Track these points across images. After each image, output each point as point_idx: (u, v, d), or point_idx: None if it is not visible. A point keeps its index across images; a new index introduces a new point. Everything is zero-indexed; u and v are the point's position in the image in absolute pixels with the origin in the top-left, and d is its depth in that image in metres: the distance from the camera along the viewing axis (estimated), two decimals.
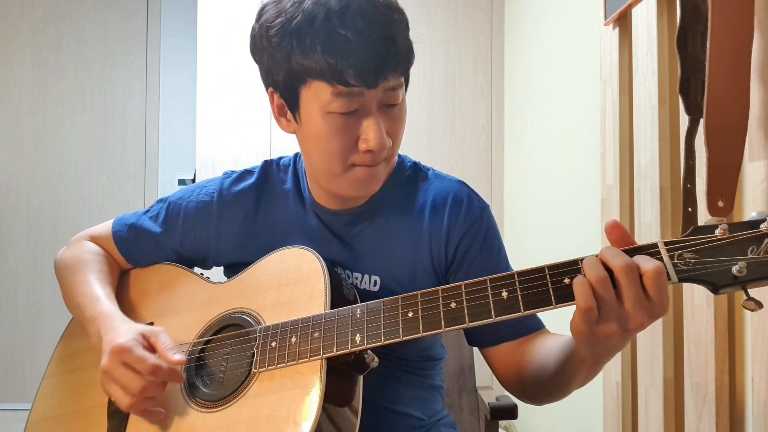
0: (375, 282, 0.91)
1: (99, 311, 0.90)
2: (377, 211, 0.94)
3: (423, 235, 0.92)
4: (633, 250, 0.65)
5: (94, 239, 1.04)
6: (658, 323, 1.17)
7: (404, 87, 0.87)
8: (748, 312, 0.95)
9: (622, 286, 0.62)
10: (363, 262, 0.92)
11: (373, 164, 0.85)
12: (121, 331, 0.84)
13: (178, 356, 0.81)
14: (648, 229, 1.21)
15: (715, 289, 0.62)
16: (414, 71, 0.88)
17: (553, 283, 0.67)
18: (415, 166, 0.99)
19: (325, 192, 0.92)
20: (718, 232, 0.63)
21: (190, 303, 0.93)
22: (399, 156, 0.98)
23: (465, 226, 0.91)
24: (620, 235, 0.66)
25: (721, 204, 0.85)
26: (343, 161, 0.84)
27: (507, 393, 0.98)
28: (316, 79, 0.81)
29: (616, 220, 0.68)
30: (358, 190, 0.88)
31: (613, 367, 1.37)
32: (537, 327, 0.90)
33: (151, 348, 0.83)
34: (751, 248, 0.61)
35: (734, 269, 0.60)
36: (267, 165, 1.01)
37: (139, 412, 0.82)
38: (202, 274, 0.98)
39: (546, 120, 2.05)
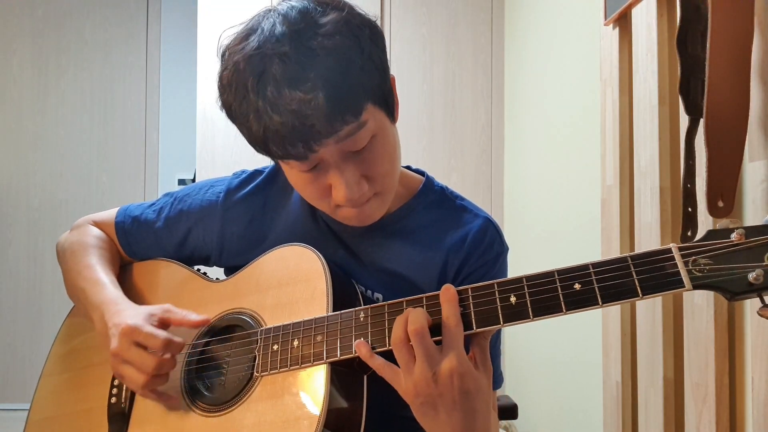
0: (378, 299, 0.88)
1: (104, 296, 0.89)
2: (392, 231, 0.90)
3: (435, 266, 0.88)
4: (645, 255, 0.63)
5: (96, 225, 1.03)
6: (659, 323, 1.17)
7: (382, 115, 0.77)
8: (748, 312, 0.95)
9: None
10: (367, 276, 0.89)
11: (358, 206, 0.79)
12: (129, 313, 0.83)
13: (200, 317, 0.82)
14: (648, 229, 1.21)
15: (731, 297, 0.60)
16: (414, 71, 0.86)
17: (563, 288, 0.65)
18: (442, 191, 0.94)
19: None
20: (733, 236, 0.60)
21: (188, 302, 0.92)
22: (426, 176, 0.95)
23: (476, 265, 0.88)
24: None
25: (721, 204, 0.85)
26: (326, 205, 0.81)
27: (507, 393, 0.98)
28: None
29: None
30: (356, 224, 0.83)
31: (613, 367, 1.37)
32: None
33: (161, 326, 0.82)
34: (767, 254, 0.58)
35: (750, 276, 0.58)
36: (279, 166, 0.97)
37: (152, 394, 0.81)
38: (199, 269, 0.97)
39: (546, 120, 2.05)
